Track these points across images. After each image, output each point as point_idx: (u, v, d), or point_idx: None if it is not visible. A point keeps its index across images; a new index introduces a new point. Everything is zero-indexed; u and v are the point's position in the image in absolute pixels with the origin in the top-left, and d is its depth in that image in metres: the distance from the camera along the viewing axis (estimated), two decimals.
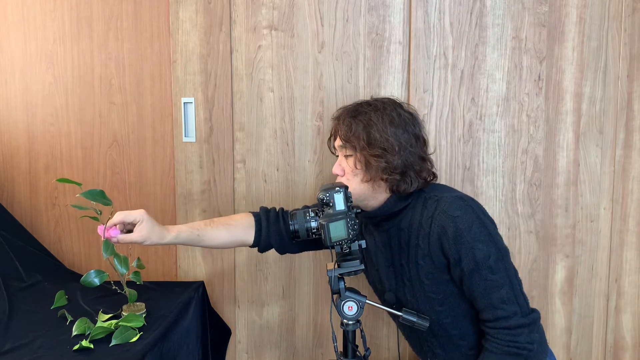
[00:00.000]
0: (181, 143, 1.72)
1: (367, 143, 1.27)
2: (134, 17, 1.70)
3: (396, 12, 1.64)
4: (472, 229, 1.21)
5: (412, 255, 1.29)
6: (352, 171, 1.30)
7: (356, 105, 1.34)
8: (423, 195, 1.30)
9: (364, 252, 1.41)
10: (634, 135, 1.64)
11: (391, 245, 1.34)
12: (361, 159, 1.28)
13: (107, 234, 1.38)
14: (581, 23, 1.61)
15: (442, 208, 1.24)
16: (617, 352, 1.71)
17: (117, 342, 1.27)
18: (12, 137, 1.79)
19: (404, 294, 1.34)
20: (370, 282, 1.47)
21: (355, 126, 1.29)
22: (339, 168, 1.34)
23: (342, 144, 1.32)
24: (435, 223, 1.24)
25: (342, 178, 1.32)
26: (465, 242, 1.20)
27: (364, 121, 1.29)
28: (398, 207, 1.31)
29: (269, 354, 1.79)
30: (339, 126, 1.33)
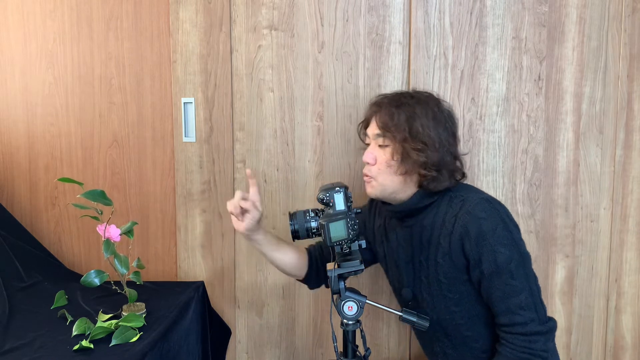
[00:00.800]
0: (181, 143, 1.72)
1: (409, 135, 1.24)
2: (134, 17, 1.71)
3: (396, 12, 1.64)
4: (495, 231, 1.19)
5: (432, 253, 1.28)
6: (387, 162, 1.27)
7: (398, 95, 1.32)
8: (449, 193, 1.29)
9: (386, 247, 1.41)
10: (634, 135, 1.64)
11: (412, 242, 1.33)
12: (399, 150, 1.25)
13: (107, 234, 1.39)
14: (581, 23, 1.61)
15: (467, 208, 1.22)
16: (617, 352, 1.71)
17: (117, 342, 1.27)
18: (12, 137, 1.79)
19: (420, 291, 1.33)
20: (390, 277, 1.45)
21: (397, 116, 1.26)
22: (370, 156, 1.30)
23: (380, 132, 1.28)
24: (459, 223, 1.22)
25: (373, 167, 1.29)
26: (487, 244, 1.19)
27: (407, 112, 1.26)
28: (423, 203, 1.29)
29: (269, 354, 1.79)
30: (379, 113, 1.29)
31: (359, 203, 1.69)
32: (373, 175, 1.29)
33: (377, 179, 1.29)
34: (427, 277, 1.30)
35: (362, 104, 1.67)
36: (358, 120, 1.67)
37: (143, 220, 1.76)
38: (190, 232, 1.75)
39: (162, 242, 1.77)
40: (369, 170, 1.30)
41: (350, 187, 1.67)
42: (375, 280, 1.73)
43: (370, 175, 1.30)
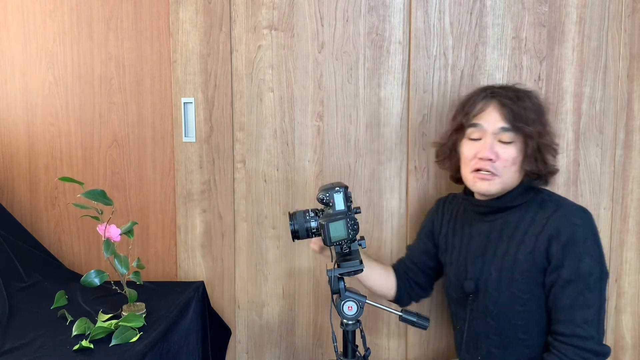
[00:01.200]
0: (181, 143, 1.72)
1: (543, 131, 1.22)
2: (134, 17, 1.70)
3: (396, 12, 1.64)
4: (587, 241, 1.19)
5: (512, 249, 1.27)
6: (514, 159, 1.24)
7: (515, 89, 1.28)
8: (541, 195, 1.29)
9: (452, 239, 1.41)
10: (634, 135, 1.64)
11: (490, 236, 1.32)
12: (528, 147, 1.22)
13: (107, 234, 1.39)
14: (581, 23, 1.61)
15: (563, 212, 1.22)
16: (617, 352, 1.71)
17: (117, 342, 1.27)
18: (12, 137, 1.79)
19: (486, 285, 1.31)
20: (448, 271, 1.43)
21: (529, 111, 1.22)
22: (492, 152, 1.24)
23: (508, 126, 1.23)
24: (551, 224, 1.22)
25: (497, 164, 1.24)
26: (575, 251, 1.18)
27: (534, 107, 1.23)
28: (518, 201, 1.28)
29: (269, 354, 1.79)
30: (506, 107, 1.23)
31: (359, 203, 1.69)
32: (498, 172, 1.25)
33: (502, 176, 1.26)
34: (499, 272, 1.28)
35: (362, 104, 1.67)
36: (358, 120, 1.67)
37: (143, 220, 1.76)
38: (190, 232, 1.75)
39: (162, 242, 1.77)
40: (492, 166, 1.25)
41: (350, 187, 1.67)
42: None
43: (494, 172, 1.26)
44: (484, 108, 1.28)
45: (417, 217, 1.68)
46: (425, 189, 1.68)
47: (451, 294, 1.43)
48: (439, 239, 1.48)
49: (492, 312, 1.30)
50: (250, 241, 1.74)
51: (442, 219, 1.48)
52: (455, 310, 1.43)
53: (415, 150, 1.66)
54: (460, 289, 1.37)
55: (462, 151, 1.33)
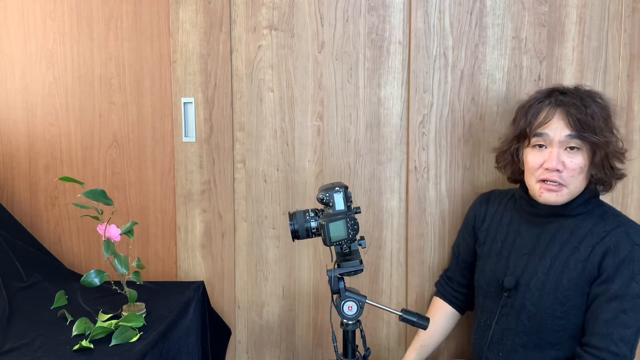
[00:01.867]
0: (181, 143, 1.72)
1: (611, 139, 1.20)
2: (134, 17, 1.71)
3: (396, 12, 1.64)
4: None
5: (563, 254, 1.26)
6: (581, 168, 1.21)
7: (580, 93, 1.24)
8: (602, 208, 1.28)
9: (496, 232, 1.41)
10: (634, 135, 1.64)
11: (541, 237, 1.31)
12: (596, 155, 1.20)
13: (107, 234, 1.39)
14: (581, 23, 1.61)
15: (625, 229, 1.21)
16: None
17: (117, 342, 1.27)
18: (12, 137, 1.79)
19: (528, 283, 1.30)
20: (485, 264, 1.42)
21: (597, 118, 1.19)
22: (559, 162, 1.21)
23: (575, 134, 1.20)
24: (611, 238, 1.21)
25: (564, 174, 1.22)
26: (629, 269, 1.17)
27: (601, 113, 1.20)
28: (580, 210, 1.27)
29: (269, 354, 1.79)
30: (573, 114, 1.20)
31: (359, 203, 1.69)
32: (565, 182, 1.23)
33: (569, 187, 1.24)
34: (545, 274, 1.27)
35: (362, 104, 1.67)
36: (358, 120, 1.67)
37: (143, 220, 1.76)
38: (190, 232, 1.75)
39: (162, 242, 1.77)
40: (559, 177, 1.23)
41: (350, 187, 1.67)
42: (375, 280, 1.73)
43: (562, 183, 1.24)
44: (549, 117, 1.25)
45: (417, 217, 1.69)
46: (425, 189, 1.68)
47: (483, 286, 1.42)
48: (479, 232, 1.48)
49: (530, 311, 1.29)
50: (250, 241, 1.74)
51: (486, 212, 1.47)
52: (484, 303, 1.41)
53: (415, 150, 1.66)
54: (496, 283, 1.36)
55: (527, 160, 1.31)
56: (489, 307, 1.39)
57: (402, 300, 1.73)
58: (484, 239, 1.45)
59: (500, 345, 1.35)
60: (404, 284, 1.72)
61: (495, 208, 1.46)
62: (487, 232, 1.45)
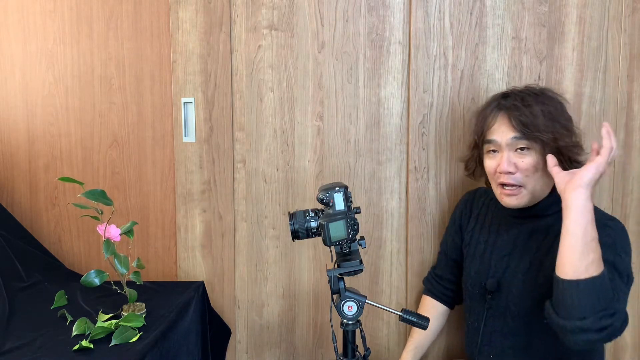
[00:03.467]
0: (181, 143, 1.72)
1: (558, 133, 1.20)
2: (134, 17, 1.71)
3: (396, 12, 1.64)
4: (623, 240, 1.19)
5: (540, 254, 1.27)
6: (534, 166, 1.22)
7: (522, 94, 1.26)
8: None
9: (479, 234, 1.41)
10: (634, 135, 1.64)
11: (518, 238, 1.31)
12: (546, 151, 1.20)
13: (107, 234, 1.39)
14: (581, 23, 1.61)
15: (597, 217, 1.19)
16: (617, 352, 1.71)
17: (117, 342, 1.27)
18: (12, 137, 1.79)
19: (509, 284, 1.30)
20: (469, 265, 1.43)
21: (539, 115, 1.20)
22: (510, 165, 1.23)
23: (519, 135, 1.22)
24: None
25: (517, 175, 1.24)
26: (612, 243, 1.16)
27: (544, 110, 1.21)
28: (551, 210, 1.27)
29: (269, 354, 1.79)
30: (514, 116, 1.22)
31: (359, 203, 1.69)
32: (520, 182, 1.24)
33: (527, 186, 1.25)
34: (524, 275, 1.28)
35: (362, 104, 1.67)
36: (358, 120, 1.67)
37: (143, 220, 1.76)
38: (190, 232, 1.75)
39: (162, 242, 1.77)
40: (513, 178, 1.24)
41: (350, 187, 1.67)
42: (375, 280, 1.73)
43: (517, 184, 1.25)
44: (493, 122, 1.28)
45: (417, 217, 1.69)
46: (425, 189, 1.68)
47: (469, 288, 1.42)
48: (465, 233, 1.48)
49: (514, 312, 1.30)
50: (250, 241, 1.74)
51: (471, 212, 1.48)
52: (471, 306, 1.42)
53: (415, 150, 1.66)
54: (480, 285, 1.37)
55: (485, 166, 1.33)
56: (476, 310, 1.40)
57: (402, 300, 1.73)
58: (469, 240, 1.46)
59: (489, 347, 1.36)
60: (404, 284, 1.73)
61: (479, 208, 1.47)
62: (472, 234, 1.46)
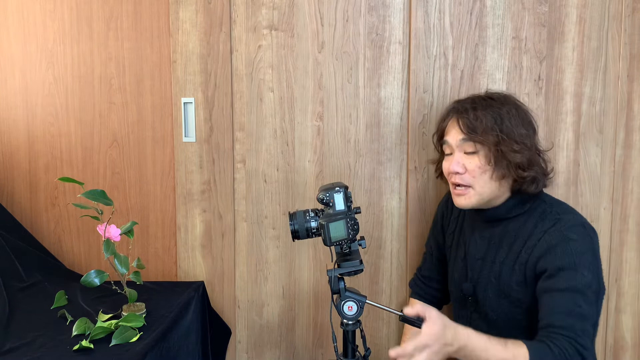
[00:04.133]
0: (181, 143, 1.72)
1: (502, 136, 1.22)
2: (134, 17, 1.70)
3: (396, 12, 1.64)
4: (584, 255, 1.17)
5: (510, 258, 1.27)
6: (480, 168, 1.24)
7: (475, 98, 1.29)
8: (543, 206, 1.27)
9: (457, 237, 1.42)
10: (634, 135, 1.64)
11: (490, 242, 1.32)
12: (491, 154, 1.22)
13: (107, 234, 1.39)
14: (581, 23, 1.61)
15: (560, 227, 1.21)
16: (617, 352, 1.71)
17: (117, 342, 1.27)
18: (12, 137, 1.79)
19: (485, 290, 1.31)
20: (450, 268, 1.44)
21: (485, 119, 1.23)
22: (459, 165, 1.26)
23: (466, 137, 1.25)
24: (546, 238, 1.21)
25: (465, 176, 1.26)
26: (572, 263, 1.16)
27: (492, 113, 1.23)
28: (516, 212, 1.28)
29: (269, 354, 1.79)
30: (461, 119, 1.26)
31: (359, 203, 1.69)
32: (468, 183, 1.26)
33: (475, 187, 1.26)
34: (497, 279, 1.29)
35: (362, 104, 1.67)
36: (358, 120, 1.67)
37: (143, 220, 1.76)
38: (190, 232, 1.75)
39: (162, 242, 1.77)
40: (460, 179, 1.27)
41: (350, 187, 1.67)
42: (375, 280, 1.73)
43: (464, 184, 1.26)
44: (446, 124, 1.32)
45: (417, 217, 1.69)
46: (425, 189, 1.68)
47: (453, 291, 1.43)
48: (446, 235, 1.49)
49: (492, 317, 1.30)
50: (250, 241, 1.74)
51: (451, 215, 1.49)
52: (456, 309, 1.43)
53: (415, 150, 1.66)
54: (460, 291, 1.38)
55: (442, 167, 1.36)
56: (460, 313, 1.40)
57: (402, 300, 1.73)
58: (451, 242, 1.46)
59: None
60: (404, 284, 1.72)
61: (458, 211, 1.46)
62: (452, 236, 1.46)
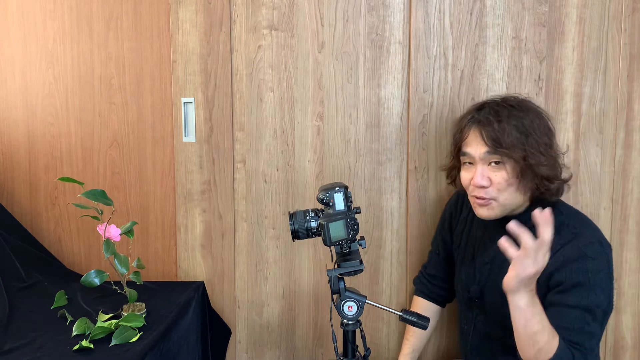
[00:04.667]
0: (181, 143, 1.72)
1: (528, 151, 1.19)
2: (134, 17, 1.70)
3: (396, 12, 1.64)
4: (599, 274, 1.17)
5: None
6: (506, 181, 1.21)
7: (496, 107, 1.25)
8: (560, 217, 1.24)
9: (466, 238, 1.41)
10: (634, 135, 1.64)
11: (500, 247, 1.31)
12: (518, 167, 1.20)
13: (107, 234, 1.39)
14: (581, 23, 1.61)
15: (577, 244, 1.19)
16: (617, 352, 1.71)
17: (117, 342, 1.27)
18: (12, 137, 1.79)
19: (492, 292, 1.30)
20: (458, 269, 1.44)
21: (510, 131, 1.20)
22: (484, 179, 1.23)
23: (490, 150, 1.22)
24: (563, 253, 1.19)
25: (490, 189, 1.23)
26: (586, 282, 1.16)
27: (517, 126, 1.21)
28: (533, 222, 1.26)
29: (269, 354, 1.79)
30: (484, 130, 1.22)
31: (359, 203, 1.69)
32: (493, 196, 1.24)
33: (498, 200, 1.24)
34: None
35: (362, 104, 1.67)
36: (358, 120, 1.67)
37: (143, 220, 1.76)
38: (190, 232, 1.75)
39: (162, 242, 1.77)
40: (485, 192, 1.24)
41: (350, 187, 1.67)
42: (375, 280, 1.73)
43: (489, 198, 1.24)
44: (467, 135, 1.28)
45: (417, 217, 1.69)
46: (425, 189, 1.68)
47: (460, 292, 1.43)
48: (454, 235, 1.48)
49: (497, 321, 1.30)
50: (250, 241, 1.74)
51: (460, 215, 1.48)
52: (462, 310, 1.43)
53: (415, 150, 1.66)
54: (468, 293, 1.37)
55: (461, 177, 1.32)
56: (466, 314, 1.40)
57: (402, 300, 1.73)
58: (459, 242, 1.45)
59: (479, 351, 1.36)
60: (404, 284, 1.73)
61: (468, 210, 1.45)
62: (461, 237, 1.45)
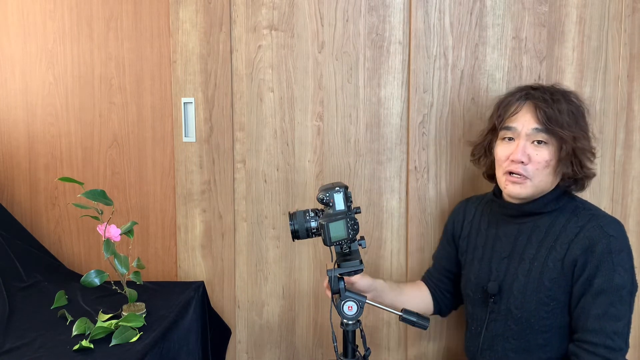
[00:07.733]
0: (181, 143, 1.72)
1: (579, 134, 1.20)
2: (134, 17, 1.71)
3: (396, 12, 1.64)
4: (621, 253, 1.18)
5: (541, 254, 1.26)
6: (547, 161, 1.21)
7: (550, 89, 1.25)
8: (574, 202, 1.27)
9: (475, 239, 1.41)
10: (634, 135, 1.64)
11: (518, 238, 1.30)
12: (564, 149, 1.20)
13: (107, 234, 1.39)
14: (581, 23, 1.61)
15: (598, 223, 1.21)
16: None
17: (117, 342, 1.27)
18: (12, 137, 1.79)
19: (510, 287, 1.29)
20: (468, 271, 1.42)
21: (566, 112, 1.20)
22: (524, 155, 1.22)
23: (541, 128, 1.21)
24: (585, 234, 1.20)
25: (529, 167, 1.23)
26: (610, 262, 1.17)
27: (572, 110, 1.21)
28: (550, 207, 1.27)
29: (269, 354, 1.79)
30: (542, 108, 1.21)
31: (359, 203, 1.69)
32: (529, 175, 1.24)
33: (534, 180, 1.24)
34: (526, 276, 1.27)
35: (362, 104, 1.67)
36: (358, 120, 1.67)
37: (143, 220, 1.76)
38: (190, 232, 1.75)
39: (162, 242, 1.77)
40: (523, 169, 1.23)
41: (350, 187, 1.67)
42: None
43: (526, 175, 1.24)
44: (517, 110, 1.26)
45: (417, 217, 1.69)
46: (425, 189, 1.68)
47: (469, 294, 1.41)
48: (459, 242, 1.48)
49: (516, 315, 1.29)
50: (250, 241, 1.74)
51: (464, 220, 1.48)
52: (473, 311, 1.41)
53: (415, 150, 1.66)
54: (481, 290, 1.36)
55: (496, 152, 1.32)
56: (478, 315, 1.39)
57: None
58: (466, 247, 1.45)
59: (491, 351, 1.35)
60: None
61: (472, 214, 1.46)
62: (467, 240, 1.45)
